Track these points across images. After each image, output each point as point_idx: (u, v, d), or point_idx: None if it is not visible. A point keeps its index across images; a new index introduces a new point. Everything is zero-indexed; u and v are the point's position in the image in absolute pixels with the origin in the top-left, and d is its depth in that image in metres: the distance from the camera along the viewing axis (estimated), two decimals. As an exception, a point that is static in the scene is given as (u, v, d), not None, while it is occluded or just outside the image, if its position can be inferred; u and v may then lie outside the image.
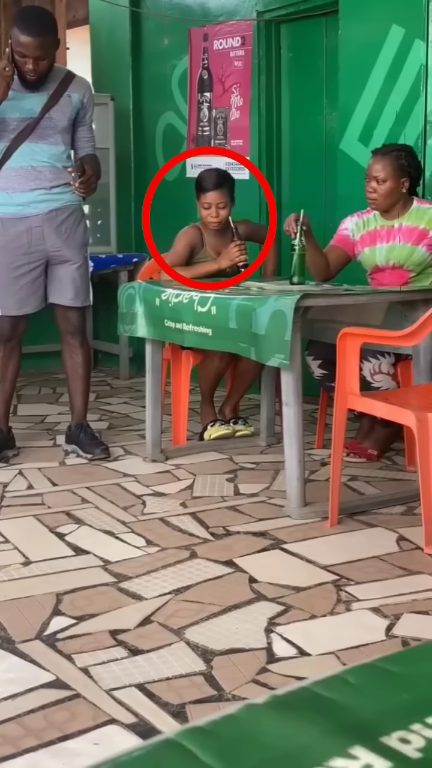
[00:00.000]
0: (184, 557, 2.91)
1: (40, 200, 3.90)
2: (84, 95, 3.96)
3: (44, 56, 3.72)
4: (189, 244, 4.32)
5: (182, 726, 0.63)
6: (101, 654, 2.26)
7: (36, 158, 3.87)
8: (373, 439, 4.06)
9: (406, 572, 2.80)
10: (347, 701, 0.66)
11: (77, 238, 4.01)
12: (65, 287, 4.00)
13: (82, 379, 4.11)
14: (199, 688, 2.10)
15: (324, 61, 5.05)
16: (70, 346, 4.09)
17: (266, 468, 3.95)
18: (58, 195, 3.93)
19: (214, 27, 5.49)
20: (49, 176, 3.90)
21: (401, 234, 3.86)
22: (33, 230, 3.91)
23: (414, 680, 0.69)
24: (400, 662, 0.72)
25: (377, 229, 3.93)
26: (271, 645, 2.31)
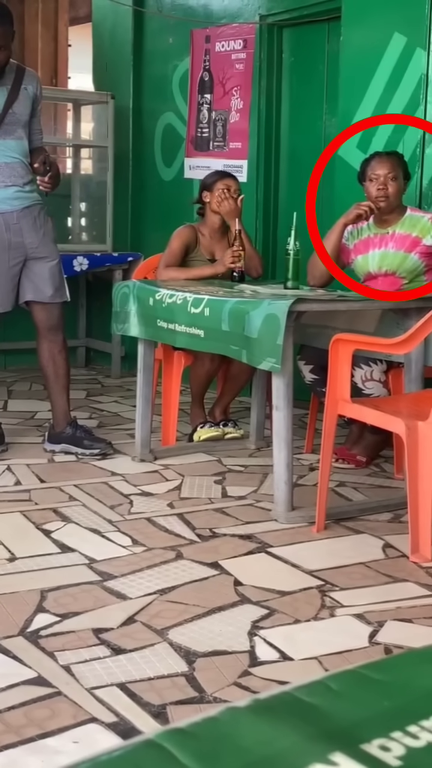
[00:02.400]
0: (169, 558, 2.91)
1: (16, 197, 3.88)
2: (37, 87, 3.97)
3: (3, 46, 3.71)
4: (184, 243, 4.34)
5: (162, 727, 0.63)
6: (84, 652, 2.26)
7: (8, 154, 3.85)
8: (362, 446, 4.07)
9: (391, 579, 2.81)
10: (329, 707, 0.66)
11: (50, 234, 4.01)
12: (44, 284, 3.97)
13: (64, 376, 4.08)
14: (180, 689, 2.09)
15: (325, 66, 5.05)
16: (52, 343, 4.04)
17: (255, 471, 3.95)
18: (29, 193, 3.92)
19: (217, 29, 5.49)
20: (21, 172, 3.89)
21: (394, 241, 3.87)
22: (12, 227, 3.89)
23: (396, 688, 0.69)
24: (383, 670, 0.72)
25: (370, 236, 3.94)
26: (254, 648, 2.31)
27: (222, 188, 4.32)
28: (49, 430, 4.15)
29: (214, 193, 4.34)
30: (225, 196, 4.31)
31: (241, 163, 5.39)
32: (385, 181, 3.80)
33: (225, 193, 4.31)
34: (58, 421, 4.09)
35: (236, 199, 4.31)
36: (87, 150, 6.51)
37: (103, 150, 6.15)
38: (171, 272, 4.28)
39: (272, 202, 5.41)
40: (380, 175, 3.81)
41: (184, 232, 4.39)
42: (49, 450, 4.09)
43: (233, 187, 4.36)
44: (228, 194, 4.32)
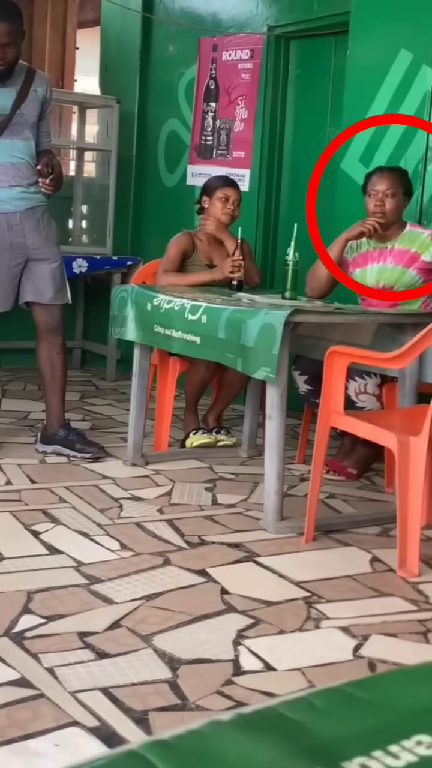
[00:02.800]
0: (157, 563, 2.92)
1: (20, 198, 3.88)
2: (47, 90, 3.98)
3: (12, 43, 3.71)
4: (181, 250, 4.37)
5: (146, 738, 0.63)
6: (68, 655, 2.26)
7: (14, 155, 3.86)
8: (353, 459, 4.08)
9: (378, 594, 2.81)
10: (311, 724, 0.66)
11: (53, 235, 4.01)
12: (45, 285, 3.97)
13: (61, 378, 4.07)
14: (163, 696, 2.10)
15: (331, 79, 5.08)
16: (51, 345, 4.04)
17: (245, 480, 3.96)
18: (34, 194, 3.92)
19: (224, 38, 5.51)
20: (26, 173, 3.89)
21: (393, 256, 3.89)
22: (14, 227, 3.89)
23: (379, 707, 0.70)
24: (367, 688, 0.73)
25: (369, 250, 3.95)
26: (238, 657, 2.32)
27: (221, 197, 4.33)
28: (42, 430, 4.14)
29: (213, 200, 4.36)
30: (223, 206, 4.32)
31: (243, 172, 5.41)
32: (383, 198, 3.81)
33: (223, 203, 4.31)
34: (52, 423, 4.09)
35: (234, 209, 4.31)
36: (91, 153, 6.52)
37: (106, 154, 6.16)
38: (170, 278, 4.29)
39: (273, 212, 5.43)
40: (378, 191, 3.82)
41: (181, 239, 4.41)
42: (41, 451, 4.09)
43: (232, 197, 4.36)
44: (228, 204, 4.33)
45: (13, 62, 3.78)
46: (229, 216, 4.36)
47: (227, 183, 4.44)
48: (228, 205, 4.34)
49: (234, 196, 4.37)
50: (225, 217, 4.36)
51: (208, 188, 4.43)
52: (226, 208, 4.34)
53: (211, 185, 4.44)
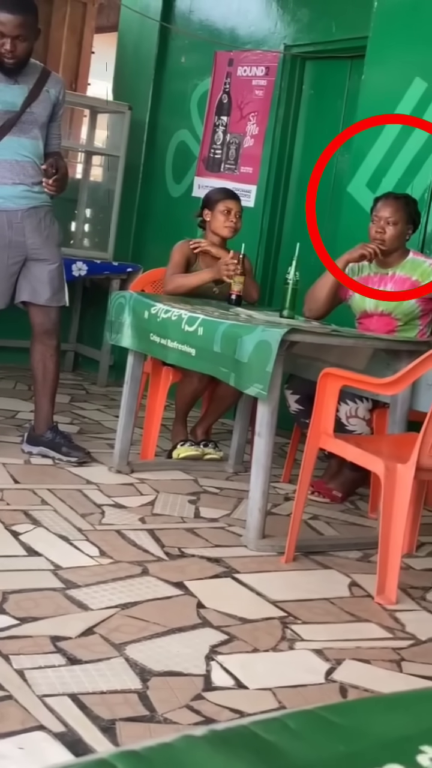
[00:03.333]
0: (135, 573, 2.90)
1: (23, 196, 3.86)
2: (60, 91, 3.96)
3: (24, 37, 3.68)
4: (185, 255, 4.38)
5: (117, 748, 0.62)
6: (39, 659, 2.24)
7: (20, 152, 3.83)
8: (339, 481, 4.07)
9: (354, 619, 2.80)
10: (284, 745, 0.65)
11: (54, 237, 3.99)
12: (43, 287, 3.95)
13: (53, 380, 4.05)
14: (131, 707, 2.08)
15: (344, 102, 5.09)
16: (45, 346, 4.01)
17: (230, 495, 3.95)
18: (38, 194, 3.90)
19: (241, 53, 5.53)
20: (31, 172, 3.86)
21: (393, 282, 3.89)
22: (14, 225, 3.87)
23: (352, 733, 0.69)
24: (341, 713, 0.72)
25: (370, 275, 3.96)
26: (209, 673, 2.30)
27: (223, 210, 4.34)
28: (29, 431, 4.12)
29: (215, 213, 4.36)
30: (226, 219, 4.32)
31: (250, 188, 5.42)
32: (384, 225, 3.82)
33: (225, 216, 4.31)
34: (40, 425, 4.06)
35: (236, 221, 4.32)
36: (99, 157, 6.52)
37: (114, 159, 6.17)
38: (177, 279, 4.29)
39: (276, 230, 5.44)
40: (381, 217, 3.83)
41: (185, 245, 4.41)
42: (27, 451, 4.06)
43: (234, 209, 4.36)
44: (230, 216, 4.33)
45: (23, 57, 3.74)
46: (232, 228, 4.36)
47: (228, 195, 4.44)
48: (230, 217, 4.34)
49: (236, 208, 4.37)
50: (227, 230, 4.36)
51: (210, 201, 4.43)
52: (229, 221, 4.34)
53: (212, 198, 4.43)
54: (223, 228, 4.35)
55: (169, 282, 4.32)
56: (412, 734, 0.70)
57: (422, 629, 2.79)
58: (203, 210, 4.45)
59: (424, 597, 3.07)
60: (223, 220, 4.34)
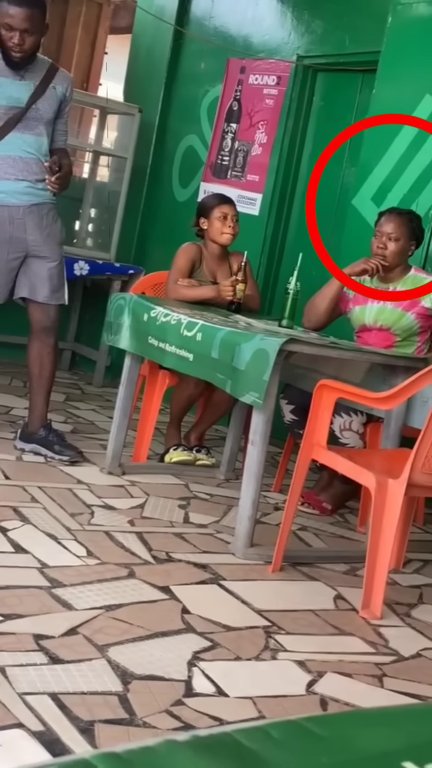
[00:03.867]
0: (121, 575, 2.89)
1: (25, 192, 3.84)
2: (67, 88, 3.95)
3: (32, 30, 3.67)
4: (190, 259, 4.36)
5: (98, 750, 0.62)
6: (21, 656, 2.23)
7: (24, 149, 3.82)
8: (329, 493, 4.07)
9: (338, 632, 2.80)
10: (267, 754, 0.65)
11: (56, 234, 3.97)
12: (42, 284, 3.93)
13: (48, 378, 4.03)
14: (111, 709, 2.07)
15: (353, 115, 5.10)
16: (43, 344, 3.99)
17: (220, 501, 3.94)
18: (41, 191, 3.88)
19: (253, 61, 5.54)
20: (35, 169, 3.85)
21: (394, 297, 3.90)
22: (15, 221, 3.85)
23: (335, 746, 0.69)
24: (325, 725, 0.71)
25: (371, 290, 3.96)
26: (191, 679, 2.29)
27: (219, 216, 4.32)
28: (23, 428, 4.10)
29: (212, 220, 4.34)
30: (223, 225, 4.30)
31: (256, 196, 5.43)
32: (386, 241, 3.82)
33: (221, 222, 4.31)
34: (33, 422, 4.05)
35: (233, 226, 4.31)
36: (106, 158, 6.52)
37: (122, 161, 6.17)
38: (180, 289, 4.27)
39: (280, 239, 5.44)
40: (383, 233, 3.84)
41: (190, 248, 4.39)
42: (19, 448, 4.05)
43: (230, 213, 4.33)
44: (227, 221, 4.32)
45: (31, 51, 3.73)
46: (230, 235, 4.33)
47: (223, 200, 4.40)
48: (227, 222, 4.32)
49: (232, 212, 4.34)
50: (225, 237, 4.33)
51: (205, 208, 4.39)
52: (226, 227, 4.32)
53: (207, 205, 4.40)
54: (221, 235, 4.32)
55: (172, 291, 4.31)
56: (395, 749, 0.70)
57: (405, 646, 2.78)
58: (199, 218, 4.42)
59: (408, 613, 3.06)
60: (221, 227, 4.32)
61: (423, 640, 2.87)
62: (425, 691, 2.51)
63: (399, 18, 4.50)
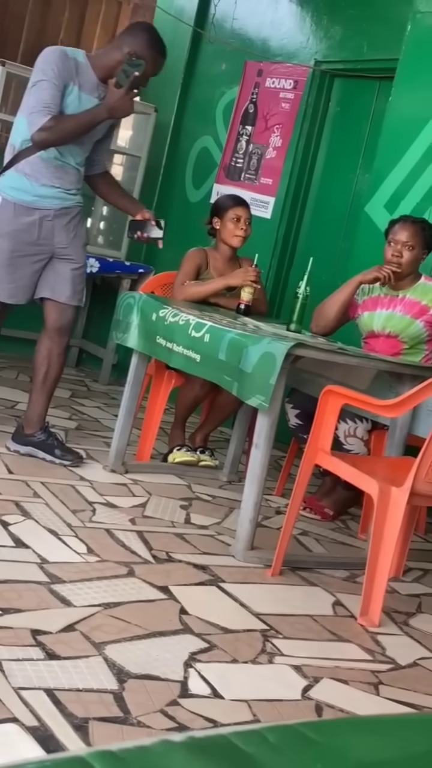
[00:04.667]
0: (121, 573, 2.89)
1: (57, 197, 3.82)
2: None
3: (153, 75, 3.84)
4: (196, 264, 4.37)
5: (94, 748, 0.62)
6: (18, 651, 2.23)
7: (69, 159, 3.79)
8: (332, 499, 4.07)
9: (335, 638, 2.79)
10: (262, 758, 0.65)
11: (81, 237, 3.96)
12: (63, 285, 3.89)
13: (54, 380, 3.97)
14: (106, 707, 2.07)
15: (369, 123, 5.10)
16: (54, 343, 3.94)
17: (222, 503, 3.94)
18: (71, 196, 3.87)
19: (270, 65, 5.54)
20: (72, 179, 3.84)
21: (403, 305, 3.89)
22: (44, 223, 3.81)
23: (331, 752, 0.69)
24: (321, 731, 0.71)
25: (380, 296, 3.96)
26: (187, 680, 2.29)
27: (233, 217, 4.34)
28: (17, 429, 4.00)
29: (225, 221, 4.35)
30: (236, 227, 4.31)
31: (268, 199, 5.43)
32: (401, 249, 3.82)
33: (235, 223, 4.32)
34: (31, 423, 3.94)
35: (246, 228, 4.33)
36: (120, 156, 6.53)
37: (136, 159, 6.18)
38: (187, 288, 4.28)
39: (291, 243, 5.44)
40: (398, 241, 3.83)
41: (195, 254, 4.41)
42: (13, 450, 3.94)
43: (243, 216, 4.35)
44: (240, 224, 4.33)
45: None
46: (242, 237, 4.35)
47: (237, 202, 4.42)
48: (240, 224, 4.34)
49: (245, 215, 4.36)
50: (237, 239, 4.35)
51: (219, 209, 4.41)
52: (239, 229, 4.33)
53: (221, 206, 4.42)
54: (233, 237, 4.34)
55: (180, 292, 4.31)
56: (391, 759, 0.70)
57: (402, 654, 2.78)
58: (213, 218, 4.44)
59: (407, 622, 3.06)
60: (233, 228, 4.33)
61: (420, 649, 2.86)
62: (421, 700, 2.50)
63: (418, 26, 4.49)
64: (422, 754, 0.72)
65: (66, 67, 3.66)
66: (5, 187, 3.79)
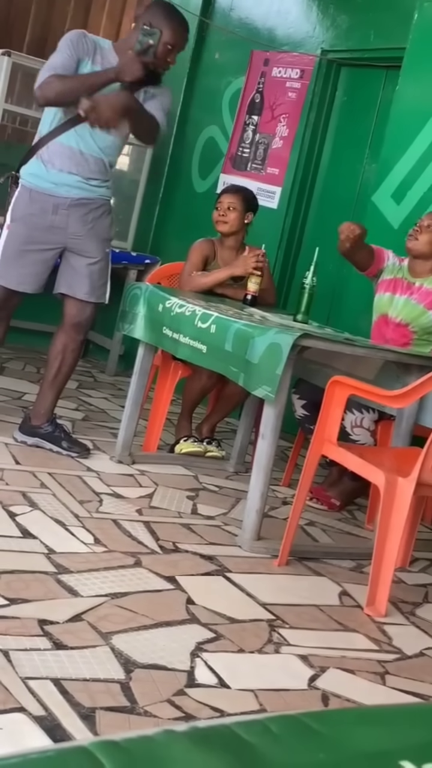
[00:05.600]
0: (128, 563, 2.90)
1: (75, 186, 3.76)
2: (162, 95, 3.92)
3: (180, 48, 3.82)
4: (203, 255, 4.39)
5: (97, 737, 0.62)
6: (25, 641, 2.24)
7: (88, 144, 3.72)
8: (338, 490, 4.07)
9: (342, 628, 2.80)
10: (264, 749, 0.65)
11: (101, 231, 3.87)
12: (80, 281, 3.85)
13: (66, 374, 3.96)
14: (113, 697, 2.08)
15: (376, 112, 5.08)
16: (70, 339, 3.91)
17: (228, 494, 3.95)
18: (93, 187, 3.81)
19: (277, 54, 5.52)
20: (92, 167, 3.77)
21: (419, 294, 3.89)
22: (59, 211, 3.76)
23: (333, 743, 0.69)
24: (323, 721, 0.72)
25: (400, 278, 3.95)
26: (193, 669, 2.30)
27: (217, 205, 4.41)
28: (25, 420, 3.99)
29: (213, 214, 4.41)
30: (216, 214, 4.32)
31: (275, 189, 5.41)
32: (420, 229, 3.84)
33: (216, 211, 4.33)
34: (39, 416, 3.94)
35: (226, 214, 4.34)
36: (126, 146, 6.50)
37: (141, 150, 6.16)
38: (194, 279, 4.29)
39: (298, 233, 5.43)
40: (421, 225, 3.86)
41: (202, 244, 4.42)
42: (20, 441, 3.94)
43: (224, 203, 4.38)
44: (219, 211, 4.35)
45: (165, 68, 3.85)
46: (223, 222, 4.36)
47: (225, 191, 4.51)
48: (219, 211, 4.38)
49: (227, 201, 4.38)
50: (218, 224, 4.39)
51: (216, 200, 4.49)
52: (219, 215, 4.38)
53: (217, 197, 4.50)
54: (216, 223, 4.40)
55: (187, 283, 4.31)
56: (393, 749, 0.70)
57: (409, 644, 2.78)
58: None
59: (413, 612, 3.06)
60: (216, 215, 4.40)
61: (427, 639, 2.87)
62: (427, 689, 2.51)
63: (425, 15, 4.47)
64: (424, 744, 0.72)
65: (82, 43, 3.66)
66: (25, 174, 3.79)
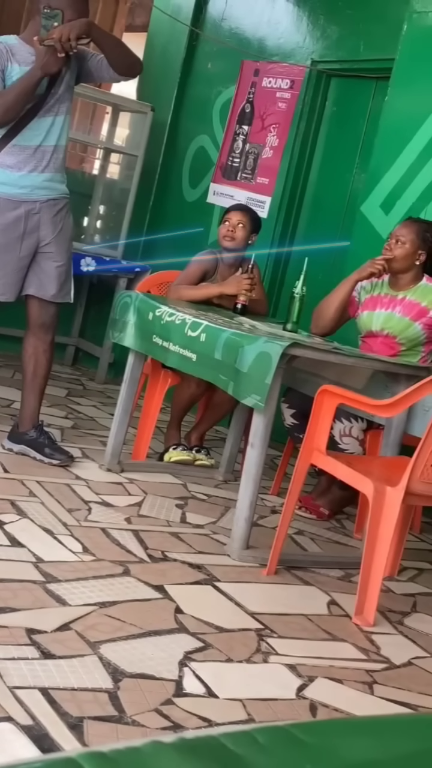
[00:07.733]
0: (116, 572, 2.90)
1: (44, 186, 3.77)
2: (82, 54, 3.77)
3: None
4: (203, 269, 4.38)
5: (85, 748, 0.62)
6: (13, 650, 2.24)
7: (42, 136, 3.71)
8: (327, 499, 4.07)
9: (330, 637, 2.80)
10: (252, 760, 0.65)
11: (67, 231, 3.90)
12: (49, 281, 3.85)
13: (43, 377, 3.94)
14: (101, 706, 2.08)
15: (365, 122, 5.10)
16: (39, 341, 3.90)
17: (217, 502, 3.95)
18: (57, 184, 3.83)
19: (267, 64, 5.54)
20: (53, 161, 3.77)
21: (402, 306, 3.89)
22: (31, 216, 3.78)
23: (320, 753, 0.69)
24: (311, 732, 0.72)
25: (381, 295, 3.96)
26: (181, 679, 2.30)
27: (225, 221, 4.39)
28: (13, 428, 3.99)
29: (220, 226, 4.40)
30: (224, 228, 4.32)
31: (265, 198, 5.43)
32: (394, 243, 3.84)
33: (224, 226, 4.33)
34: (24, 421, 3.93)
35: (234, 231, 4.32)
36: (117, 155, 6.53)
37: (132, 158, 6.17)
38: (181, 290, 4.28)
39: (287, 242, 5.44)
40: (393, 235, 3.86)
41: (205, 261, 4.41)
42: (7, 448, 3.93)
43: (232, 219, 4.37)
44: (227, 225, 4.34)
45: None
46: (229, 238, 4.35)
47: (233, 207, 4.51)
48: (227, 226, 4.37)
49: (235, 218, 4.36)
50: (224, 240, 4.37)
51: (222, 215, 4.49)
52: (226, 230, 4.37)
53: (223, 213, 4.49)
54: (222, 239, 4.38)
55: (173, 291, 4.31)
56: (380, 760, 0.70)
57: (397, 653, 2.79)
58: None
59: (401, 621, 3.07)
60: (223, 231, 4.38)
61: (415, 648, 2.87)
62: (415, 699, 2.51)
63: (414, 26, 4.50)
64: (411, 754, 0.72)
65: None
66: None
